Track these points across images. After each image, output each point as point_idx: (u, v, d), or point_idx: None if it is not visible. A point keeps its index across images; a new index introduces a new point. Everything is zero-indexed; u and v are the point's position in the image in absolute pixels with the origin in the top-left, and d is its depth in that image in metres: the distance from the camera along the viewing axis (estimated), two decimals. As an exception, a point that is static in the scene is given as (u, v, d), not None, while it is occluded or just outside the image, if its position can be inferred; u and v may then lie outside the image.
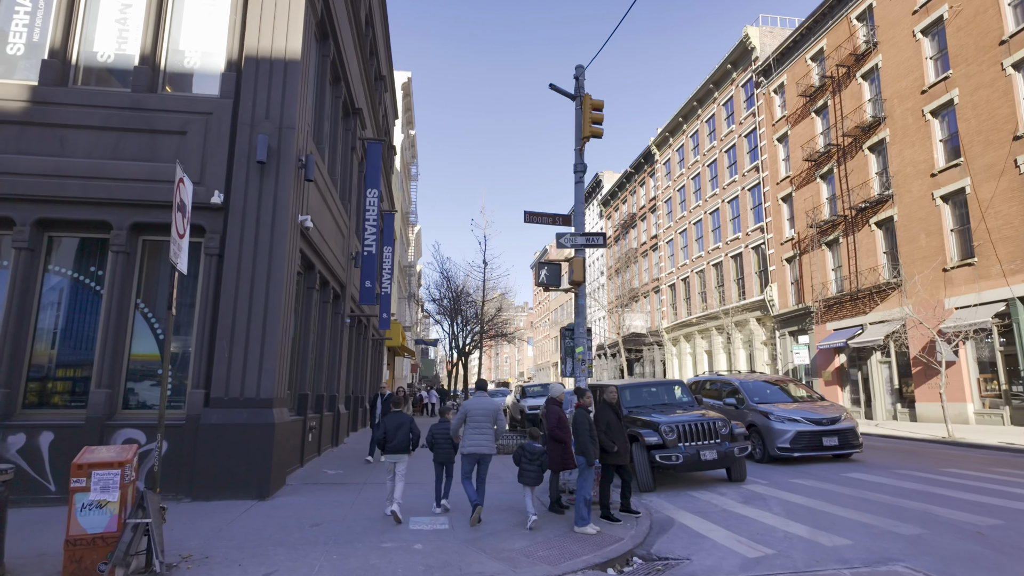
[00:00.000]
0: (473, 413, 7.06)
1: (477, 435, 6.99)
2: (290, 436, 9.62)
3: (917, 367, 21.67)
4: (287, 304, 8.90)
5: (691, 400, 10.41)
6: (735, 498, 8.03)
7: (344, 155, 14.78)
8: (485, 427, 7.00)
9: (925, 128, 21.77)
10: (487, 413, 7.05)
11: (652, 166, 46.85)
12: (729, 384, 12.09)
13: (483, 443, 6.96)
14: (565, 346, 9.16)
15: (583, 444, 6.56)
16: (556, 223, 9.30)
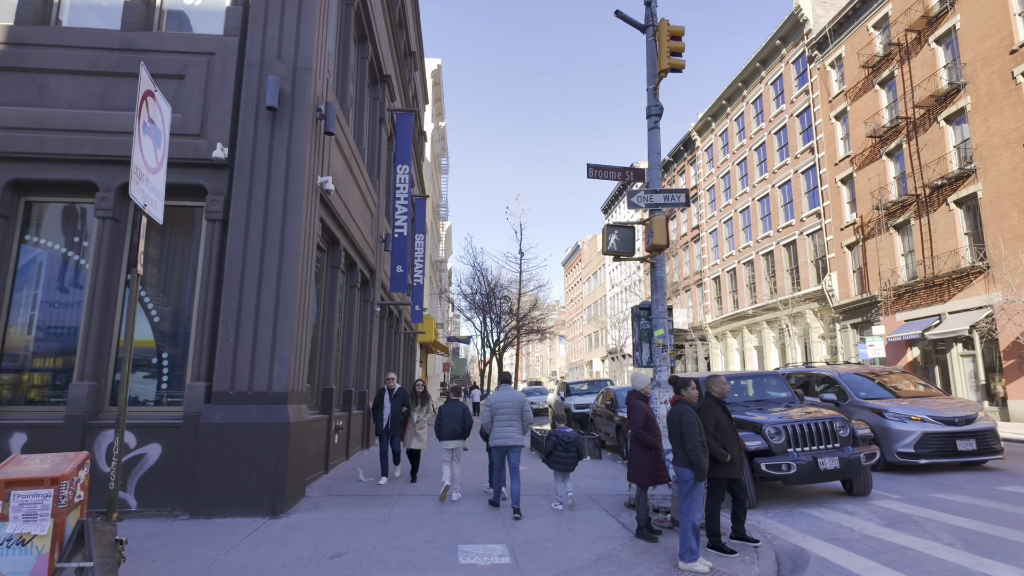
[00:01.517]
0: (500, 406, 7.16)
1: (505, 427, 7.10)
2: (311, 438, 8.16)
3: (1010, 360, 19.27)
4: (304, 280, 7.42)
5: (790, 395, 8.60)
6: (872, 519, 6.24)
7: (372, 126, 13.34)
8: (513, 419, 7.14)
9: (1016, 92, 19.36)
10: (514, 405, 7.16)
11: (692, 153, 44.62)
12: (824, 377, 10.20)
13: (511, 434, 7.08)
14: (640, 329, 7.47)
15: (693, 452, 4.88)
16: (625, 179, 7.62)
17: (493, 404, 7.18)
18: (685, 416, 5.03)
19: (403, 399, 8.97)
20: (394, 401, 8.96)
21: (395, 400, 8.97)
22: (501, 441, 7.04)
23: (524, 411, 7.20)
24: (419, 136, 24.28)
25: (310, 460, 8.20)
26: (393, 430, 8.92)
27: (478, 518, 6.52)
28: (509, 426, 7.07)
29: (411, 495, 7.85)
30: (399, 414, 8.93)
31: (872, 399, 9.24)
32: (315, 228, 7.83)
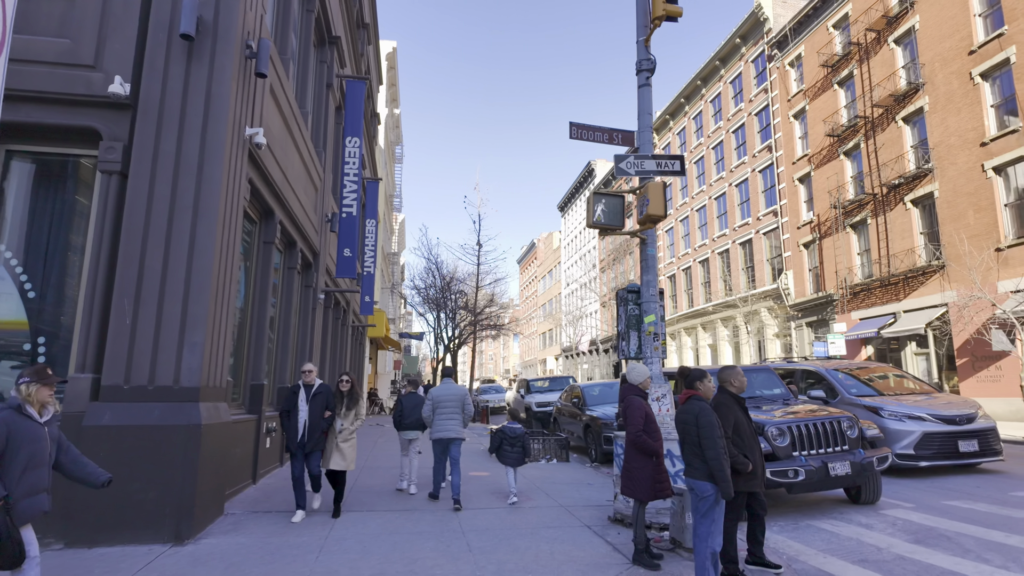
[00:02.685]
0: (442, 400, 7.16)
1: (446, 420, 7.12)
2: (234, 443, 6.80)
3: (963, 358, 19.43)
4: (226, 251, 6.08)
5: (785, 391, 7.80)
6: (896, 533, 5.42)
7: (318, 92, 11.93)
8: (454, 413, 7.15)
9: (973, 93, 19.52)
10: (456, 399, 7.18)
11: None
12: (810, 373, 9.51)
13: (453, 427, 7.11)
14: (627, 315, 6.47)
15: (716, 462, 3.89)
16: (613, 141, 6.60)
17: (435, 397, 7.22)
18: (703, 416, 4.03)
19: (326, 401, 6.36)
20: (313, 403, 6.30)
21: (314, 402, 6.31)
22: (443, 434, 7.10)
23: (466, 405, 7.26)
24: (372, 117, 22.79)
25: (232, 469, 6.84)
26: (311, 444, 6.21)
27: (438, 537, 5.37)
28: (451, 419, 7.14)
29: (357, 510, 6.62)
30: (320, 421, 6.27)
31: (865, 396, 8.57)
32: (241, 189, 6.48)
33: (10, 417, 3.24)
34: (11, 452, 3.19)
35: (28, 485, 3.23)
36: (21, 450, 3.21)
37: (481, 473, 9.41)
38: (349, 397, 6.60)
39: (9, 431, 3.19)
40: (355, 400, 6.63)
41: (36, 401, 3.35)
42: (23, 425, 3.26)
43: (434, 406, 7.19)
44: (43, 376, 3.38)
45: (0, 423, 3.19)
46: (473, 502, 7.08)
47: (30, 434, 3.27)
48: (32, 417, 3.33)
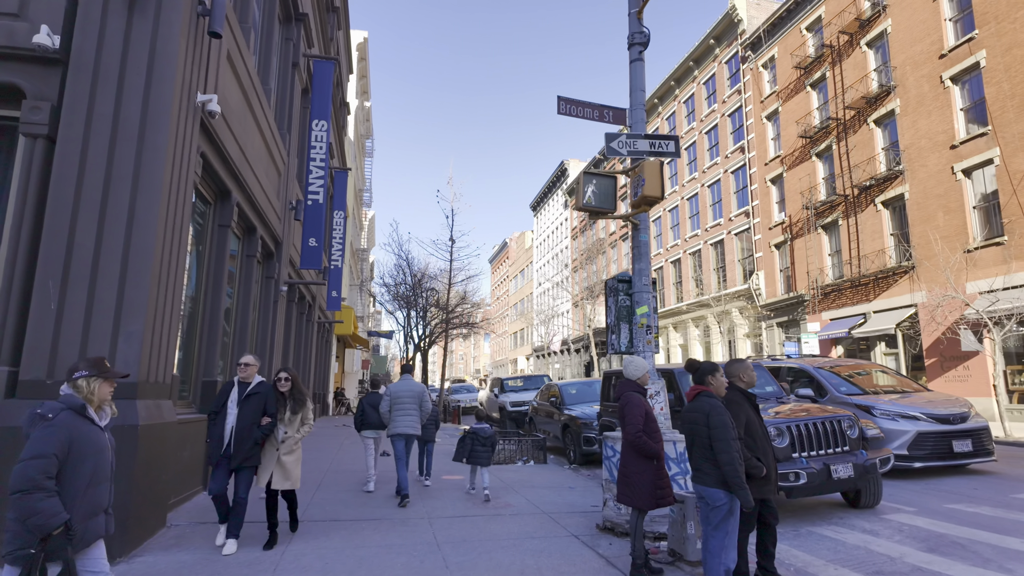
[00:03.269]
0: (400, 396, 7.14)
1: (404, 416, 7.10)
2: (180, 445, 6.10)
3: (932, 358, 19.64)
4: (172, 229, 5.39)
5: (777, 389, 7.45)
6: (905, 541, 5.06)
7: (282, 70, 11.19)
8: (411, 409, 7.13)
9: (944, 96, 19.75)
10: (414, 395, 7.18)
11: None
12: (797, 371, 9.20)
13: (410, 424, 7.08)
14: (617, 306, 5.99)
15: (730, 466, 3.42)
16: (604, 119, 6.12)
17: (393, 394, 7.19)
18: (715, 414, 3.56)
19: (263, 403, 5.04)
20: (245, 405, 4.96)
21: (247, 404, 4.97)
22: (401, 430, 7.06)
23: (424, 401, 7.28)
24: (341, 106, 21.96)
25: (178, 475, 6.14)
26: (239, 457, 4.86)
27: (410, 552, 4.79)
28: (409, 415, 7.12)
29: (316, 519, 5.99)
30: (251, 429, 4.93)
31: (855, 395, 8.29)
32: (191, 162, 5.79)
33: (71, 421, 2.58)
34: (73, 464, 2.55)
35: (90, 505, 2.62)
36: (85, 462, 2.58)
37: (455, 476, 8.84)
38: (292, 399, 5.24)
39: (71, 438, 2.55)
40: (300, 403, 5.26)
41: (97, 400, 2.71)
42: (86, 431, 2.62)
43: (392, 402, 7.16)
44: (103, 369, 2.74)
45: (60, 428, 2.52)
46: (448, 508, 6.52)
47: (94, 442, 2.64)
48: (94, 421, 2.68)
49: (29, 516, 2.38)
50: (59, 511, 2.43)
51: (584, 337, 46.30)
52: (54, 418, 2.52)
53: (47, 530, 2.40)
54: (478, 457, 7.21)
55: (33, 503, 2.38)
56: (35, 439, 2.48)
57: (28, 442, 2.50)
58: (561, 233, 55.94)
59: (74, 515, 2.52)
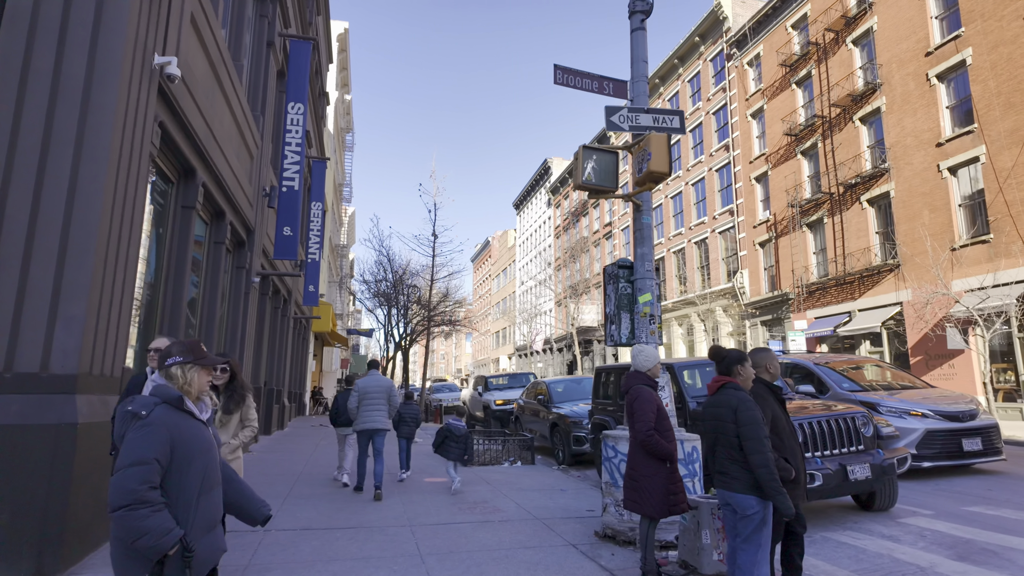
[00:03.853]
0: (368, 391, 7.20)
1: (372, 411, 7.15)
2: (133, 447, 5.46)
3: (917, 356, 19.59)
4: (121, 201, 4.79)
5: (782, 385, 7.04)
6: (931, 548, 4.66)
7: (256, 48, 10.55)
8: (379, 404, 7.20)
9: (930, 94, 19.72)
10: (381, 391, 7.24)
11: (607, 149, 44.09)
12: (794, 366, 8.84)
13: (378, 419, 7.16)
14: (617, 294, 5.53)
15: (764, 469, 2.97)
16: (604, 91, 5.65)
17: (361, 389, 7.23)
18: (744, 410, 3.10)
19: None
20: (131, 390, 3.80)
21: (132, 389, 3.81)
22: (368, 425, 7.12)
23: (391, 396, 7.32)
24: (320, 95, 21.25)
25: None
26: None
27: (390, 566, 4.27)
28: (376, 411, 7.18)
29: (284, 528, 5.42)
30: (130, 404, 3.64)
31: (858, 391, 7.94)
32: (148, 131, 5.19)
33: (168, 417, 2.11)
34: (180, 468, 2.08)
35: (206, 516, 2.15)
36: (193, 464, 2.12)
37: (438, 479, 8.32)
38: (227, 396, 4.05)
39: (173, 438, 2.08)
40: (238, 400, 4.09)
41: (195, 391, 2.26)
42: (187, 427, 2.15)
43: (360, 397, 7.20)
44: (199, 354, 2.29)
45: (158, 426, 2.06)
46: (431, 514, 6.00)
47: (200, 440, 2.18)
48: (194, 415, 2.22)
49: (137, 537, 1.93)
50: (171, 526, 1.99)
51: (567, 336, 45.98)
52: (148, 415, 2.07)
53: (161, 551, 1.95)
54: (448, 451, 7.40)
55: (139, 520, 1.93)
56: (130, 442, 2.02)
57: (123, 446, 2.03)
58: (544, 231, 55.60)
59: (189, 530, 2.07)
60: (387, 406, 7.24)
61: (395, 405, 7.39)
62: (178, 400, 2.15)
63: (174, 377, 2.21)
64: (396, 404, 7.38)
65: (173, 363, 2.23)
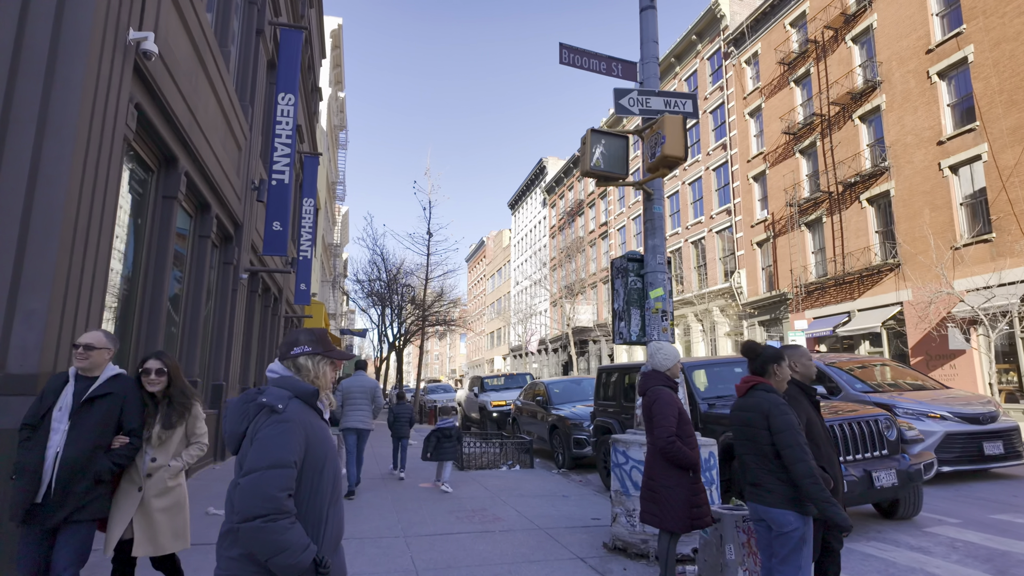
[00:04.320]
0: (352, 391, 7.24)
1: (356, 412, 7.19)
2: (106, 453, 5.07)
3: (917, 356, 19.36)
4: (91, 186, 4.40)
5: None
6: (965, 560, 4.35)
7: (245, 36, 10.16)
8: (363, 404, 7.24)
9: (931, 92, 19.51)
10: (365, 391, 7.28)
11: (603, 148, 43.79)
12: (805, 366, 8.52)
13: (361, 419, 7.18)
14: (626, 289, 5.18)
15: (809, 480, 2.63)
16: (612, 73, 5.31)
17: (346, 389, 7.27)
18: (779, 413, 2.76)
19: (118, 413, 3.06)
20: (84, 415, 2.95)
21: (88, 413, 2.97)
22: (352, 424, 7.16)
23: (375, 396, 7.38)
24: (313, 91, 20.85)
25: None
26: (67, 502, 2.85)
27: (382, 585, 3.90)
28: (360, 411, 7.21)
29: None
30: (96, 456, 2.93)
31: (872, 392, 7.63)
32: (122, 111, 4.81)
33: (303, 413, 1.81)
34: (312, 475, 1.78)
35: (335, 532, 1.85)
36: (325, 469, 1.82)
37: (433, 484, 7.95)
38: (168, 405, 3.21)
39: (307, 437, 1.79)
40: (180, 411, 3.23)
41: (325, 386, 1.96)
42: (319, 427, 1.86)
43: (344, 397, 7.23)
44: (328, 345, 1.99)
45: (296, 422, 1.75)
46: (427, 523, 5.63)
47: (330, 443, 1.89)
48: (322, 415, 1.94)
49: (274, 553, 1.61)
50: (307, 541, 1.69)
51: (562, 337, 45.66)
52: (285, 410, 1.76)
53: (299, 571, 1.64)
54: (444, 453, 7.52)
55: (278, 534, 1.61)
56: (268, 440, 1.69)
57: (256, 444, 1.71)
58: (540, 231, 55.30)
59: (321, 548, 1.78)
60: (370, 407, 7.29)
61: (379, 406, 7.39)
62: (313, 395, 1.85)
63: (304, 369, 1.91)
64: (380, 405, 7.38)
65: (301, 352, 1.92)
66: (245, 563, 1.69)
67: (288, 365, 1.92)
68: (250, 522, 1.60)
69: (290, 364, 1.92)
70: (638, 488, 4.50)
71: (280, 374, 1.89)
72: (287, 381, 1.85)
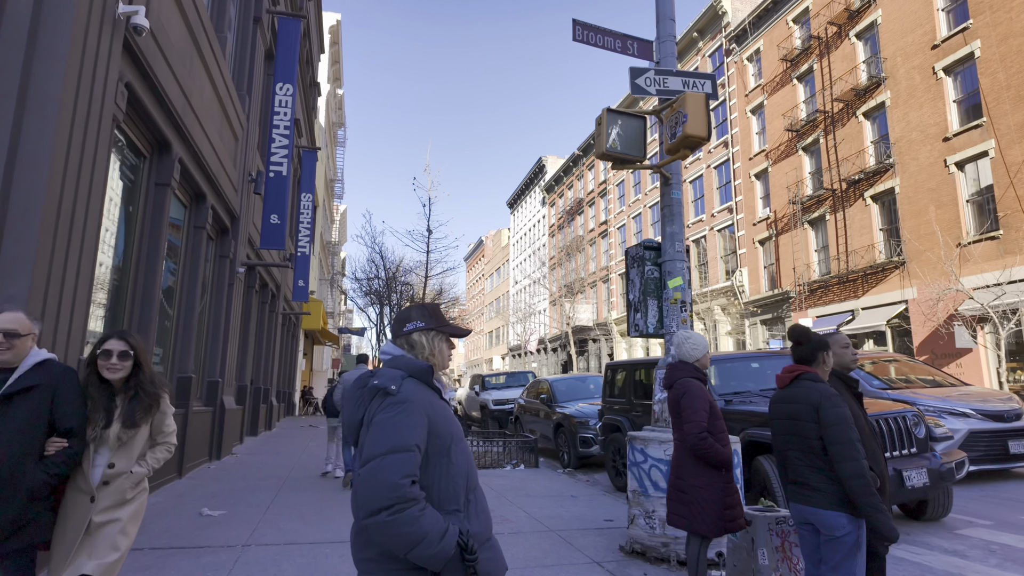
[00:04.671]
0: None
1: None
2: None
3: (923, 355, 19.14)
4: (77, 165, 4.14)
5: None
6: (1007, 565, 4.11)
7: (242, 22, 9.89)
8: None
9: (936, 87, 19.30)
10: None
11: (603, 146, 43.53)
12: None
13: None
14: (643, 279, 4.93)
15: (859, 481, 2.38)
16: (627, 52, 5.06)
17: (346, 381, 7.29)
18: (830, 406, 2.51)
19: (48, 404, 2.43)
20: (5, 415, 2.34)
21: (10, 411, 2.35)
22: None
23: None
24: (311, 85, 20.57)
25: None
26: None
27: None
28: None
29: (266, 543, 4.78)
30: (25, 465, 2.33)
31: (890, 389, 7.39)
32: (111, 88, 4.54)
33: (420, 392, 1.63)
34: (438, 456, 1.60)
35: (480, 522, 1.64)
36: (453, 452, 1.63)
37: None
38: (132, 399, 2.60)
39: (430, 420, 1.61)
40: (147, 404, 2.63)
41: (441, 365, 1.81)
42: (440, 406, 1.68)
43: (344, 390, 7.28)
44: (442, 319, 1.82)
45: (415, 402, 1.57)
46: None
47: (455, 423, 1.71)
48: (441, 393, 1.77)
49: (411, 546, 1.44)
50: (444, 527, 1.50)
51: (562, 336, 45.42)
52: (399, 390, 1.59)
53: (445, 558, 1.47)
54: None
55: (410, 525, 1.44)
56: (384, 424, 1.53)
57: (372, 430, 1.54)
58: (539, 230, 55.06)
59: None
60: None
61: None
62: (428, 372, 1.67)
63: (418, 345, 1.75)
64: None
65: (414, 329, 1.76)
66: (384, 562, 1.51)
67: (400, 344, 1.77)
68: (375, 516, 1.43)
69: (403, 342, 1.76)
70: (657, 488, 4.25)
71: (393, 354, 1.74)
72: (399, 360, 1.69)
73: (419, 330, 1.76)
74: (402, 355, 1.72)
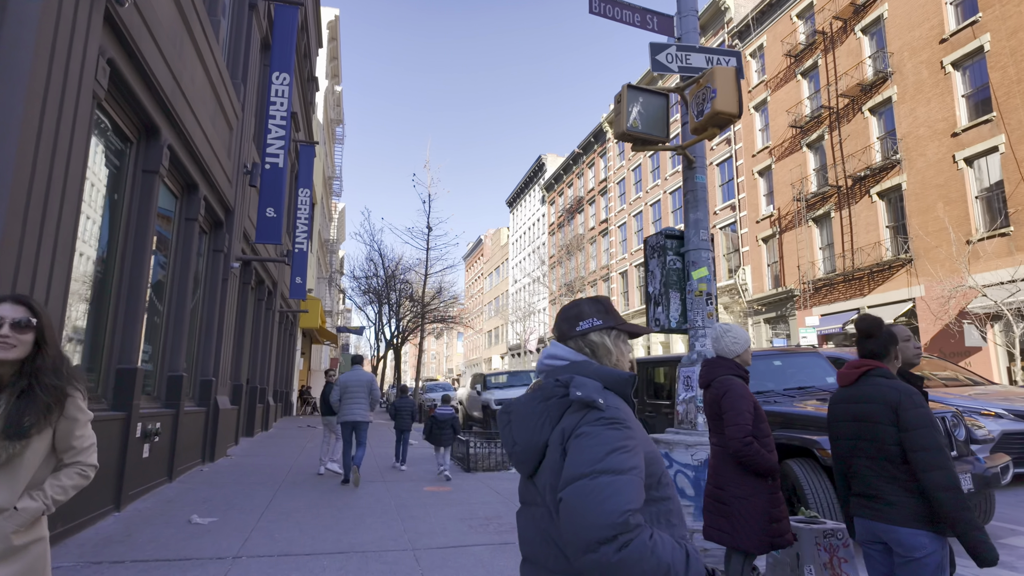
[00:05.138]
0: (350, 385, 7.54)
1: (353, 405, 7.49)
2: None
3: (932, 354, 18.82)
4: (46, 142, 3.79)
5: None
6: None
7: (237, 8, 9.54)
8: (360, 397, 7.55)
9: (944, 82, 19.00)
10: (363, 385, 7.58)
11: (603, 145, 43.32)
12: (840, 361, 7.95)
13: (358, 412, 7.48)
14: (663, 270, 4.59)
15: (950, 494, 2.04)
16: (647, 26, 4.71)
17: (343, 383, 7.54)
18: (911, 406, 2.18)
19: None
20: None
21: None
22: (350, 417, 7.44)
23: (372, 390, 7.67)
24: (309, 80, 20.20)
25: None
26: None
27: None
28: (358, 404, 7.48)
29: (258, 555, 4.44)
30: None
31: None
32: (90, 62, 4.19)
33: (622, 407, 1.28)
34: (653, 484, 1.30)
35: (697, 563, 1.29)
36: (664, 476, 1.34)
37: (441, 488, 7.35)
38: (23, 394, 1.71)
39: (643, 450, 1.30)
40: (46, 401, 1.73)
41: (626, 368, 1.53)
42: (641, 430, 1.33)
43: (342, 391, 7.52)
44: (618, 315, 1.48)
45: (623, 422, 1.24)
46: (438, 534, 5.03)
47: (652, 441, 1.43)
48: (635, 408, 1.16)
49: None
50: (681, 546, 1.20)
51: (562, 335, 45.07)
52: (608, 406, 1.26)
53: None
54: (439, 438, 8.29)
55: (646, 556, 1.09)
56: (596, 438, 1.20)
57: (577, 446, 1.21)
58: (538, 229, 54.73)
59: None
60: (368, 399, 7.59)
61: (376, 398, 7.69)
62: (629, 383, 1.34)
63: (600, 348, 1.41)
64: (377, 397, 7.68)
65: (591, 327, 1.42)
66: None
67: (576, 346, 1.42)
68: (594, 553, 1.09)
69: (578, 344, 1.42)
70: (683, 496, 3.92)
71: (570, 359, 1.39)
72: (587, 367, 1.34)
73: (597, 329, 1.42)
74: (585, 360, 1.37)
